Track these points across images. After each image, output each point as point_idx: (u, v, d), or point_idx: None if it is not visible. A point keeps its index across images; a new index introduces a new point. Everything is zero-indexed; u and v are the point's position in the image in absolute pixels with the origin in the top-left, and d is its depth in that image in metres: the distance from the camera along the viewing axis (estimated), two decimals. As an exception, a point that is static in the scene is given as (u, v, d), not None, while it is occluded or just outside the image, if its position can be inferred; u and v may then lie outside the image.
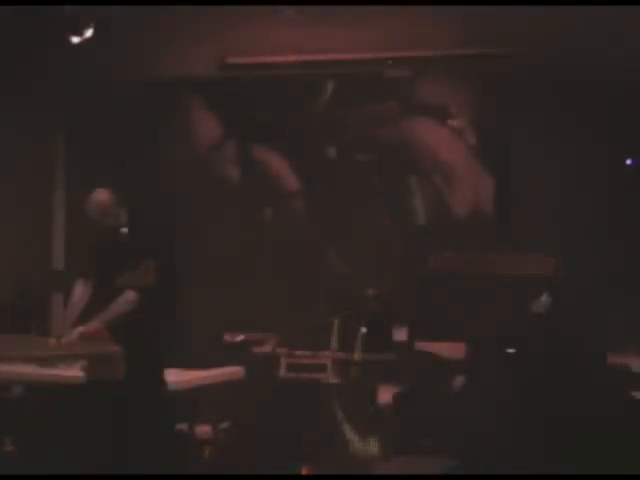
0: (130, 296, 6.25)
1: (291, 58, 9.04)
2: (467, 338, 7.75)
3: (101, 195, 6.42)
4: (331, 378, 8.45)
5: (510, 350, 7.21)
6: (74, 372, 6.67)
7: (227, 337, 8.63)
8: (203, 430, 7.54)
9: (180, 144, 9.73)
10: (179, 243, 9.19)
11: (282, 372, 8.58)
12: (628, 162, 8.73)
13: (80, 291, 6.48)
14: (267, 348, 8.89)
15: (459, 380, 7.59)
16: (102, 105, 9.30)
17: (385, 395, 8.01)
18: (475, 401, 6.95)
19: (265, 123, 9.48)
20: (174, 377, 6.74)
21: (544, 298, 7.21)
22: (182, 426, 7.23)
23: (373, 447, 7.20)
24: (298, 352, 8.72)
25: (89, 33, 7.53)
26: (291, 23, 7.92)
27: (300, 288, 9.29)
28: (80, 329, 6.22)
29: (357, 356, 8.58)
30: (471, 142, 9.05)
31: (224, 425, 7.87)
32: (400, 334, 8.77)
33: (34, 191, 9.30)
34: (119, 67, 8.83)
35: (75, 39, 7.51)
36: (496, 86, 8.83)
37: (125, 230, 6.38)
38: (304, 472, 6.62)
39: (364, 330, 8.80)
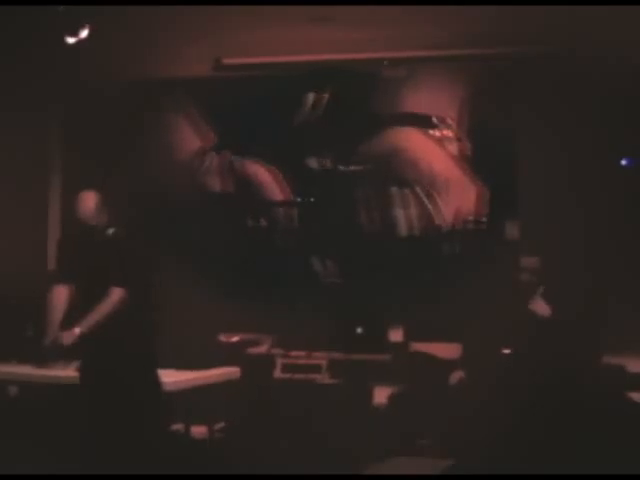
0: (117, 294, 6.24)
1: (288, 58, 9.07)
2: (463, 338, 7.77)
3: (88, 196, 6.41)
4: (326, 379, 8.46)
5: (506, 351, 7.23)
6: (69, 373, 6.69)
7: (222, 338, 8.63)
8: (199, 430, 7.54)
9: (176, 144, 9.77)
10: (176, 244, 9.30)
11: (277, 373, 8.59)
12: (623, 162, 8.77)
13: (62, 293, 6.44)
14: (262, 349, 8.90)
15: (456, 380, 7.61)
16: (99, 105, 9.31)
17: (381, 396, 8.03)
18: (473, 401, 6.96)
19: (259, 125, 9.53)
20: (169, 377, 6.73)
21: (543, 299, 7.23)
22: (177, 426, 7.23)
23: (370, 447, 7.20)
24: (293, 353, 8.74)
25: (84, 33, 7.52)
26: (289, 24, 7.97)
27: (295, 290, 9.35)
28: (76, 330, 6.20)
29: (352, 357, 8.60)
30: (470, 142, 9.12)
31: (219, 426, 7.88)
32: (396, 335, 8.80)
33: (30, 191, 9.30)
34: (116, 67, 8.83)
35: (71, 39, 7.50)
36: (496, 86, 8.89)
37: (112, 230, 6.38)
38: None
39: (359, 330, 8.82)
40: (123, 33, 8.00)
